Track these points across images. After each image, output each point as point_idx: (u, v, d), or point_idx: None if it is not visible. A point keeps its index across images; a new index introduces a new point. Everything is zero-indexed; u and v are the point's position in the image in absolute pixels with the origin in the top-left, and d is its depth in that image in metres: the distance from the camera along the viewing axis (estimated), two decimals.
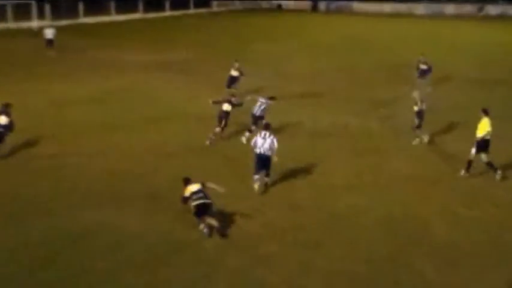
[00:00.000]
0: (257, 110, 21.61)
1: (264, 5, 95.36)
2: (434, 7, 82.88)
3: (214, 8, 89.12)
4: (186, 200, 14.66)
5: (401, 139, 22.05)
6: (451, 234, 14.51)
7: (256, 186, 17.15)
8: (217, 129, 21.40)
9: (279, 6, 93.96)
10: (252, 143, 17.40)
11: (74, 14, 64.47)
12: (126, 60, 40.12)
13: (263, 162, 16.99)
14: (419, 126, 21.47)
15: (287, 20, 73.58)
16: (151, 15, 74.21)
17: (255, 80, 30.51)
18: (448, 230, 14.72)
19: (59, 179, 18.09)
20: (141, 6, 74.28)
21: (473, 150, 18.26)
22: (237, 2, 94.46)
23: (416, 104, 21.41)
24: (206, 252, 13.57)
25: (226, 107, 21.39)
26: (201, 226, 14.45)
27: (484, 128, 18.21)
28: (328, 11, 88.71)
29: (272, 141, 16.89)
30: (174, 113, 25.88)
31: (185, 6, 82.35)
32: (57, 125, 23.61)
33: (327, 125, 24.06)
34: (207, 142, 21.28)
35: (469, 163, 18.39)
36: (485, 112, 18.53)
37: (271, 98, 22.01)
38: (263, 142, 16.94)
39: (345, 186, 17.61)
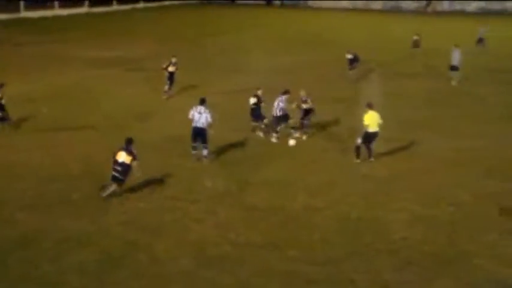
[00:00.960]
0: (275, 110, 21.99)
1: None
2: (392, 2, 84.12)
3: (166, 1, 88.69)
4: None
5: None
6: (408, 233, 14.90)
7: (194, 158, 19.76)
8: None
9: None
10: (189, 117, 19.50)
11: (14, 8, 63.42)
12: (73, 57, 39.90)
13: (198, 134, 19.40)
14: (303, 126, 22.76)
15: (242, 14, 73.88)
16: (98, 9, 73.53)
17: (206, 74, 30.82)
18: (405, 230, 15.11)
19: (4, 181, 17.96)
20: (86, 0, 73.40)
21: (359, 140, 19.87)
22: None
23: (305, 102, 22.45)
24: (159, 253, 13.73)
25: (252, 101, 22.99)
26: (105, 191, 16.44)
27: (367, 120, 19.60)
28: (283, 5, 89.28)
29: (207, 117, 19.26)
30: (127, 111, 25.94)
31: None
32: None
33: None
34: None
35: (357, 151, 19.94)
36: (369, 106, 19.93)
37: (285, 93, 22.29)
38: (199, 117, 19.32)
39: (301, 185, 17.89)
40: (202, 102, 19.68)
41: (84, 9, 72.27)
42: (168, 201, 16.57)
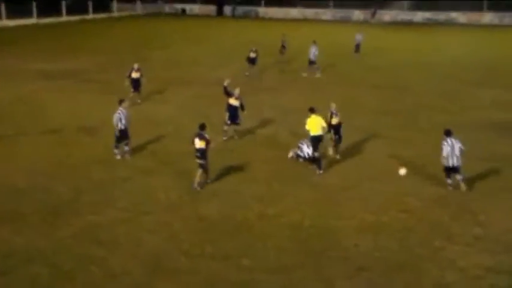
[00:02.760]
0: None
1: (168, 9, 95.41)
2: (341, 13, 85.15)
3: (115, 12, 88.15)
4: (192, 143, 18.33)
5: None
6: (360, 240, 15.15)
7: (119, 156, 20.87)
8: (225, 127, 23.20)
9: (183, 10, 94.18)
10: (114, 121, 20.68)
11: None
12: (19, 69, 39.28)
13: (122, 134, 20.70)
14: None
15: (191, 25, 73.81)
16: (47, 20, 72.63)
17: (156, 86, 30.85)
18: (356, 237, 15.34)
19: None
20: (34, 10, 72.25)
21: (311, 149, 20.07)
22: (139, 6, 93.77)
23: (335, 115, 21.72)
24: (112, 267, 13.68)
25: (233, 101, 23.08)
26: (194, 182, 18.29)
27: (309, 125, 20.06)
28: (233, 16, 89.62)
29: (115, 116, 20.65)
30: (75, 124, 25.62)
31: (83, 10, 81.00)
32: None
33: (233, 133, 24.31)
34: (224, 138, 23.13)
35: (313, 160, 20.13)
36: (312, 110, 20.31)
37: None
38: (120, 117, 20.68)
39: (254, 195, 18.02)
40: (120, 103, 21.03)
41: (32, 20, 71.27)
42: (121, 213, 16.51)
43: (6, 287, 12.80)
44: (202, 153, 18.16)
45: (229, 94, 23.05)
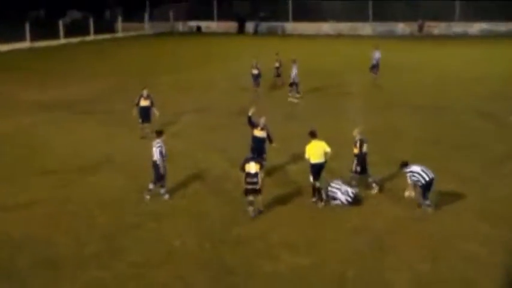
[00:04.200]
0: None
1: (181, 28, 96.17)
2: (383, 26, 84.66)
3: (119, 33, 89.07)
4: (242, 170, 19.34)
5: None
6: None
7: (148, 197, 21.07)
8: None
9: (198, 28, 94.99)
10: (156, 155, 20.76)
11: None
12: (12, 100, 39.70)
13: (153, 168, 20.93)
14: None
15: (208, 44, 74.30)
16: (42, 43, 73.41)
17: (166, 115, 30.97)
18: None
19: None
20: (28, 33, 72.97)
21: (311, 177, 20.44)
22: (147, 25, 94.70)
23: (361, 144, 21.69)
24: None
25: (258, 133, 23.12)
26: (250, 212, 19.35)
27: (309, 151, 20.29)
28: (256, 33, 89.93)
29: (156, 151, 20.74)
30: (77, 162, 25.77)
31: (84, 31, 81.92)
32: None
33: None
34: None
35: (314, 190, 20.53)
36: (312, 134, 20.62)
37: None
38: (153, 150, 20.87)
39: (284, 242, 17.80)
40: (159, 135, 21.31)
41: (25, 44, 72.15)
42: (130, 267, 16.41)
43: None
44: (258, 179, 19.26)
45: (253, 125, 22.94)
